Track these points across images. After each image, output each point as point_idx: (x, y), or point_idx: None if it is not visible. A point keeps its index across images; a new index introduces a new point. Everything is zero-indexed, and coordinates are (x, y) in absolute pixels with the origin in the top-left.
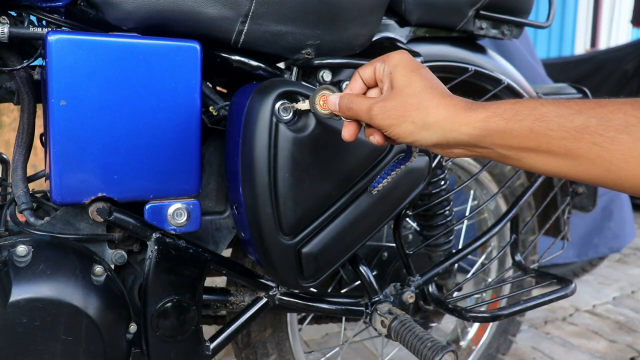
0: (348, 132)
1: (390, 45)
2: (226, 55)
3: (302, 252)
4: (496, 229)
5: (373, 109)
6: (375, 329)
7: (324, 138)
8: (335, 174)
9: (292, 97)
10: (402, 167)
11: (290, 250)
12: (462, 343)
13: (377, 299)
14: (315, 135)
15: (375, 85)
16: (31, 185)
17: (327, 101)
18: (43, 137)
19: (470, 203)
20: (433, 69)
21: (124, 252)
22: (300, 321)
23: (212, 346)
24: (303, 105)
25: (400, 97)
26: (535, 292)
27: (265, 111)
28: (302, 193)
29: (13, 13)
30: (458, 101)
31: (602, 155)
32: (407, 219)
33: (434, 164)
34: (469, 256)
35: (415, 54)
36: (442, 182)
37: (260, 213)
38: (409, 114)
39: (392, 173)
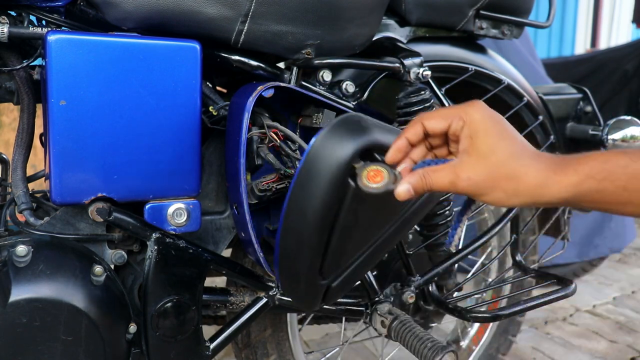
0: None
1: (390, 46)
2: (226, 55)
3: (331, 287)
4: (496, 229)
5: (458, 184)
6: (376, 329)
7: None
8: (379, 220)
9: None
10: (465, 216)
11: (322, 287)
12: (463, 343)
13: (377, 299)
14: None
15: (439, 135)
16: (31, 185)
17: (397, 192)
18: (43, 137)
19: None
20: (433, 69)
21: (123, 252)
22: (300, 321)
23: (212, 346)
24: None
25: (486, 165)
26: (536, 292)
27: (340, 171)
28: (350, 244)
29: (13, 13)
30: (548, 163)
31: None
32: None
33: None
34: (469, 256)
35: (415, 54)
36: None
37: (305, 261)
38: (499, 184)
39: (460, 224)
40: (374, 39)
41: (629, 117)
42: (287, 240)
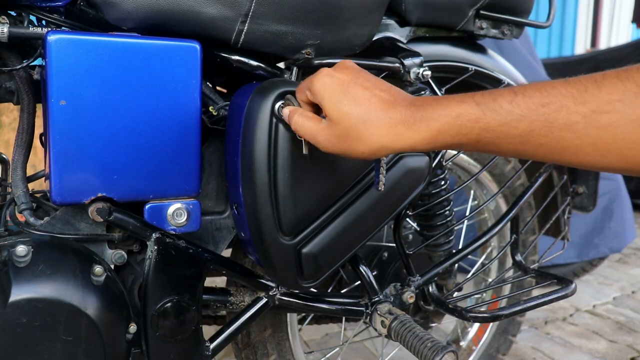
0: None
1: (390, 46)
2: (226, 55)
3: (302, 253)
4: (496, 229)
5: (319, 144)
6: (375, 329)
7: None
8: (335, 174)
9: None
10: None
11: (290, 251)
12: (462, 343)
13: (377, 299)
14: None
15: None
16: (31, 185)
17: (282, 111)
18: (43, 137)
19: (470, 203)
20: (433, 69)
21: (123, 252)
22: (300, 321)
23: (212, 346)
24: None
25: (339, 129)
26: (536, 292)
27: (265, 111)
28: (302, 193)
29: (13, 13)
30: (399, 116)
31: (550, 152)
32: (407, 219)
33: (434, 164)
34: (469, 256)
35: (415, 54)
36: (442, 182)
37: (260, 213)
38: (355, 145)
39: (382, 163)
40: (374, 38)
41: None
42: (246, 195)
